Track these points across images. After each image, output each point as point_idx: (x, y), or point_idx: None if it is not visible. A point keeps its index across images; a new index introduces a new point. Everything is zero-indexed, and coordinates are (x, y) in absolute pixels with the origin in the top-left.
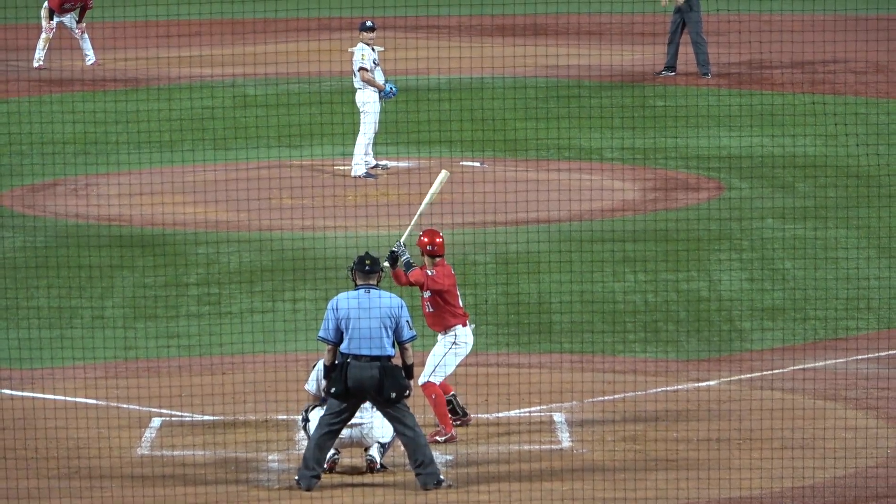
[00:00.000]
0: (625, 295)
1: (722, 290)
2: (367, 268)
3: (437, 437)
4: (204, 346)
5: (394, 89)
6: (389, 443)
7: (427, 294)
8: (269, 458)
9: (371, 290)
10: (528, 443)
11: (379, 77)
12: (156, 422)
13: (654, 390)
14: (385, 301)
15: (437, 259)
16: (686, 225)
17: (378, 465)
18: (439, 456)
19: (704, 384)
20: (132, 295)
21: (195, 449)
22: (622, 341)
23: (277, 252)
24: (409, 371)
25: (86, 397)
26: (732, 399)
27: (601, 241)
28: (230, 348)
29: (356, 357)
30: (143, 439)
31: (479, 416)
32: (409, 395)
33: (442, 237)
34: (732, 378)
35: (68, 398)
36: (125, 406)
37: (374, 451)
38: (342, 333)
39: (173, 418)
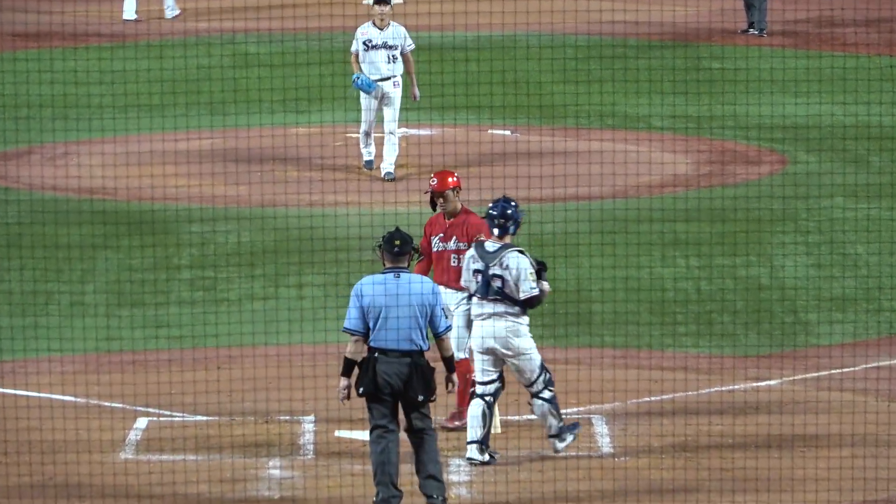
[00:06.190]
0: (675, 282)
1: (785, 278)
2: (395, 249)
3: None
4: (197, 337)
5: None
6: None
7: None
8: (270, 463)
9: (401, 275)
10: (564, 449)
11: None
12: (141, 422)
13: (707, 390)
14: (416, 287)
15: None
16: (745, 203)
17: (481, 460)
18: (462, 462)
19: (764, 384)
20: (116, 279)
21: (186, 453)
22: (671, 335)
23: (281, 231)
24: (448, 364)
25: (62, 394)
26: (796, 401)
27: (648, 220)
28: (226, 339)
29: (384, 352)
30: (126, 441)
31: (510, 418)
32: (434, 399)
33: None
34: (796, 377)
35: (42, 394)
36: (107, 404)
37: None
38: (368, 323)
39: (161, 418)
